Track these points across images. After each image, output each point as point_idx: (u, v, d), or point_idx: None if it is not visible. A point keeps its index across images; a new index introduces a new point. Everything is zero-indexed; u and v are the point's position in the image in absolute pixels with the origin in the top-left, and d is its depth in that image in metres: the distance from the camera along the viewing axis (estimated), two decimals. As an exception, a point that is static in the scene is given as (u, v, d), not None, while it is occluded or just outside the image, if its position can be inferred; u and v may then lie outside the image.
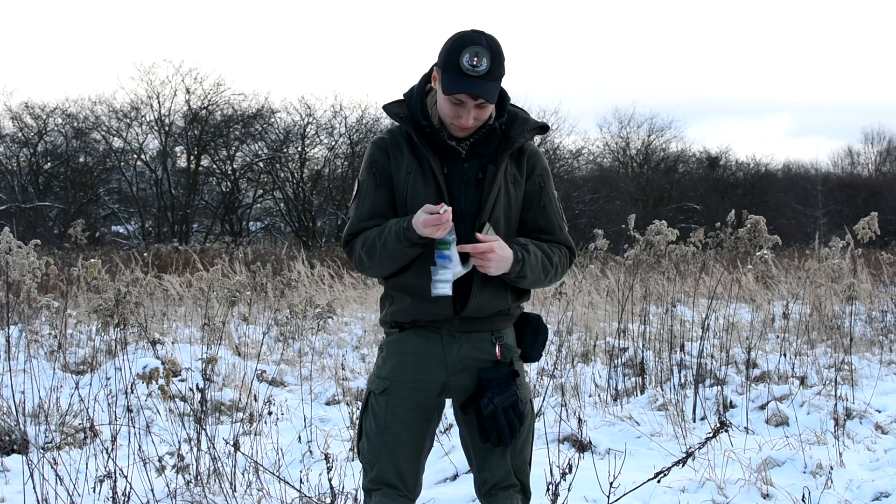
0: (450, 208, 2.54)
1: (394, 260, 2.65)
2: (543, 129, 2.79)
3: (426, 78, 2.75)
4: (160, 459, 4.08)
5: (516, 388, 2.73)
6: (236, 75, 63.67)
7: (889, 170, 43.00)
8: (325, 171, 33.76)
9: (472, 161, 2.71)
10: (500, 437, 2.71)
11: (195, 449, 4.25)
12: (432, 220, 2.51)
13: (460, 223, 2.65)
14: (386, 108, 2.77)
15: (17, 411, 5.12)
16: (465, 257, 2.62)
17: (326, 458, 3.67)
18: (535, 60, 59.34)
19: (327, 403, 6.82)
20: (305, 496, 3.96)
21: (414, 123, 2.70)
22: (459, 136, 2.69)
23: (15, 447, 5.01)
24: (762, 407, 6.00)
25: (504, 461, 2.78)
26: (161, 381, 3.87)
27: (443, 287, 2.60)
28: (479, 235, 2.61)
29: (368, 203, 2.73)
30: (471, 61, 2.56)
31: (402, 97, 2.76)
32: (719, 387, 6.37)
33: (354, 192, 2.79)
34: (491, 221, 2.67)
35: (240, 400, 6.11)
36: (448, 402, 2.98)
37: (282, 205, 33.86)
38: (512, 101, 2.77)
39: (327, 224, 33.24)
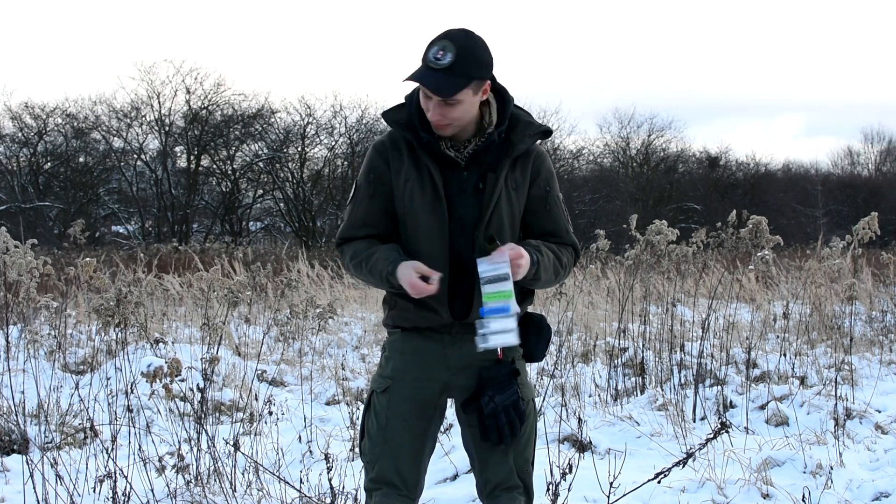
0: (438, 278, 2.55)
1: (378, 286, 2.73)
2: (546, 133, 2.76)
3: None
4: (160, 459, 4.08)
5: (517, 387, 2.72)
6: (236, 75, 63.82)
7: (889, 170, 43.02)
8: (325, 171, 33.81)
9: (471, 170, 2.68)
10: (500, 436, 2.70)
11: (195, 449, 4.25)
12: (417, 290, 2.55)
13: (460, 233, 2.65)
14: (385, 114, 2.74)
15: (17, 411, 5.12)
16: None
17: (326, 458, 3.67)
18: (536, 60, 59.43)
19: (327, 403, 6.82)
20: (305, 496, 3.96)
21: (412, 130, 2.67)
22: (444, 136, 2.64)
23: (15, 447, 5.00)
24: (762, 407, 6.00)
25: (506, 461, 2.77)
26: (165, 380, 3.87)
27: (506, 337, 2.57)
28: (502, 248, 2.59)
29: (362, 212, 2.75)
30: (436, 54, 2.54)
31: (403, 100, 2.73)
32: (719, 387, 6.37)
33: (352, 193, 2.80)
34: (492, 229, 2.64)
35: (240, 400, 6.11)
36: (450, 402, 2.98)
37: (282, 205, 33.89)
38: (516, 104, 2.73)
39: (327, 224, 33.26)
